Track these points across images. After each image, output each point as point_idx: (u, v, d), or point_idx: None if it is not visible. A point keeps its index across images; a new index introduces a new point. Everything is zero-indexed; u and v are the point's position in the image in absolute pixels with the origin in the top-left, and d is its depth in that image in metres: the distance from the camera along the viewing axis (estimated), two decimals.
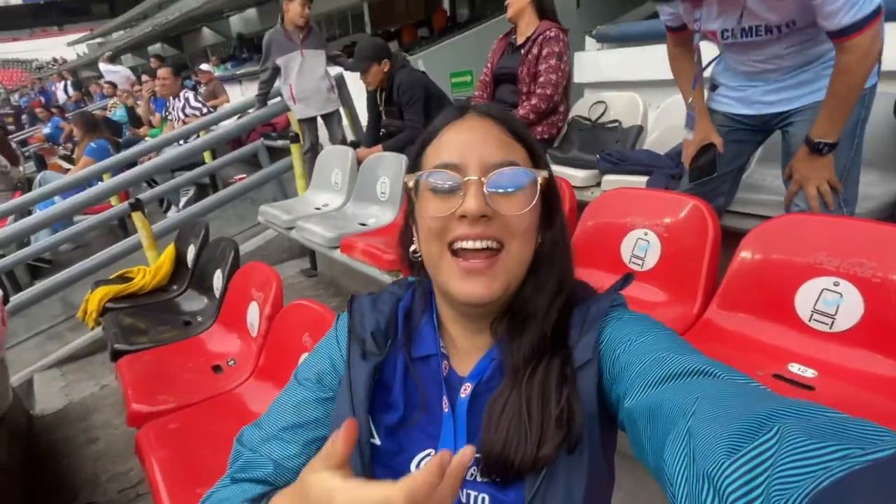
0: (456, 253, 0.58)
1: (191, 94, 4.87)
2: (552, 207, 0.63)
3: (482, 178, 0.56)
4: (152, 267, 2.57)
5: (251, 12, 13.80)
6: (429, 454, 0.59)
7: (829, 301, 1.13)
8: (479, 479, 0.56)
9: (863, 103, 1.34)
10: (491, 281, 0.57)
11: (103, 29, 21.33)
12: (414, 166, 0.64)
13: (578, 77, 3.44)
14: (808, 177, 1.38)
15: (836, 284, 1.12)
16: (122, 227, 4.51)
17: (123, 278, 2.52)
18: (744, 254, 1.28)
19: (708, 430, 0.38)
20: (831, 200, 1.37)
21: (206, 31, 16.38)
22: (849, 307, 1.10)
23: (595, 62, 3.55)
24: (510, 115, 0.63)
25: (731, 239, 1.38)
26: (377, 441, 0.60)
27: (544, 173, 0.59)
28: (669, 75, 1.73)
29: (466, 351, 0.64)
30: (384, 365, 0.63)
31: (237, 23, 14.78)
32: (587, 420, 0.55)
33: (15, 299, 3.18)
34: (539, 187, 0.58)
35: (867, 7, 1.19)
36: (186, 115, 4.85)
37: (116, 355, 1.82)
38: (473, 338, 0.63)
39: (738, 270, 1.28)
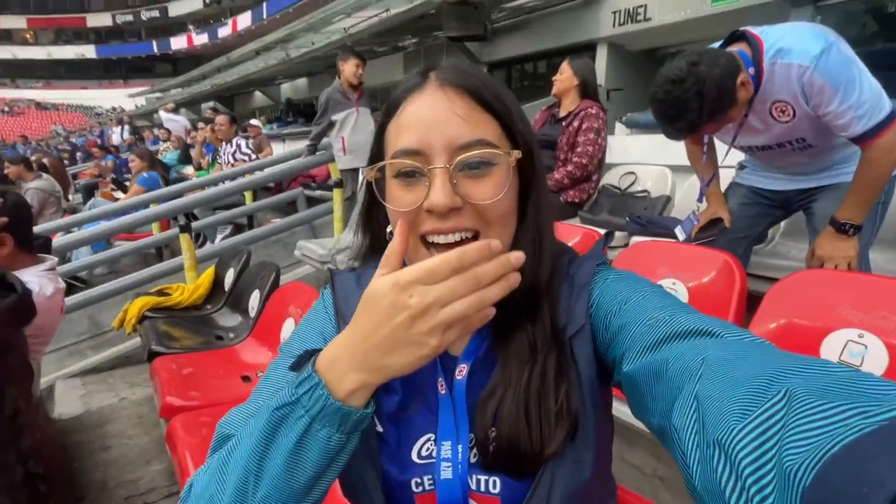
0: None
1: (243, 141, 5.24)
2: (531, 179, 0.57)
3: (448, 165, 0.51)
4: (191, 285, 2.68)
5: (302, 81, 14.96)
6: (429, 439, 0.57)
7: (855, 352, 1.17)
8: (480, 466, 0.54)
9: (887, 188, 1.42)
10: None
11: (164, 85, 23.20)
12: (378, 145, 0.58)
13: (609, 158, 3.65)
14: (831, 255, 1.44)
15: (860, 336, 1.17)
16: (159, 255, 4.70)
17: (162, 293, 2.63)
18: (768, 306, 1.34)
19: (715, 395, 0.37)
20: None
21: (257, 94, 17.68)
22: (874, 358, 1.14)
23: (624, 146, 3.78)
24: (478, 79, 0.55)
25: (751, 302, 1.44)
26: (379, 428, 0.57)
27: (517, 153, 0.53)
28: None
29: None
30: None
31: (287, 89, 15.96)
32: (588, 383, 0.54)
33: None
34: (512, 168, 0.54)
35: (878, 115, 1.29)
36: (235, 160, 5.19)
37: (152, 356, 1.88)
38: None
39: (762, 321, 1.33)
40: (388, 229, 0.60)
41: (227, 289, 2.56)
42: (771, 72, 1.38)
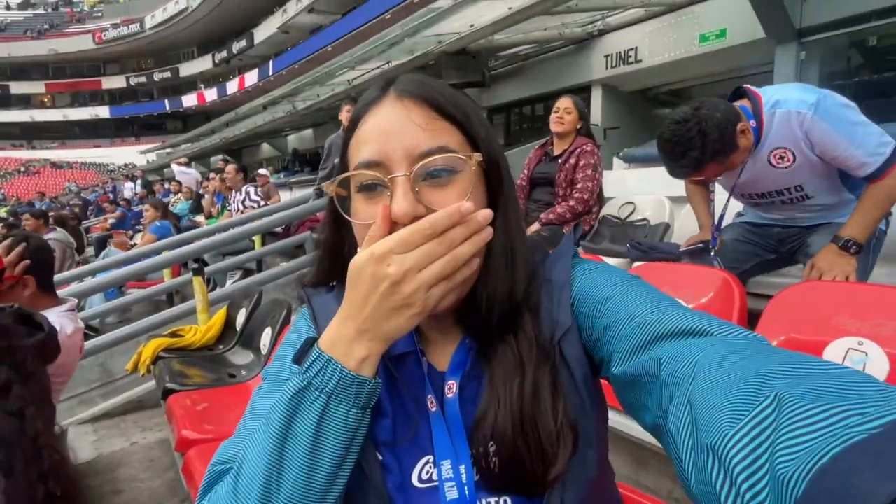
0: None
1: (251, 189, 5.41)
2: (497, 184, 0.56)
3: (408, 173, 0.50)
4: (203, 327, 2.73)
5: (307, 132, 15.46)
6: (428, 461, 0.54)
7: (856, 360, 1.19)
8: (486, 487, 0.52)
9: (887, 220, 1.52)
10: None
11: (174, 141, 24.00)
12: (342, 163, 0.58)
13: (608, 192, 3.76)
14: (830, 268, 1.46)
15: (860, 344, 1.20)
16: (170, 302, 4.76)
17: (175, 335, 2.68)
18: (768, 321, 1.37)
19: (708, 399, 0.38)
20: None
21: (264, 145, 18.23)
22: (875, 365, 1.16)
23: (622, 179, 3.90)
24: (435, 89, 0.55)
25: (751, 319, 1.47)
26: (380, 457, 0.54)
27: (478, 155, 0.52)
28: None
29: (439, 343, 0.59)
30: None
31: (294, 140, 16.48)
32: (583, 382, 0.54)
33: None
34: (475, 171, 0.53)
35: (886, 151, 1.39)
36: (245, 207, 5.34)
37: (166, 394, 1.91)
38: (443, 330, 0.59)
39: (763, 332, 1.36)
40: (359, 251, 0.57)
41: (238, 328, 2.60)
42: (770, 121, 1.48)
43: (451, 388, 0.55)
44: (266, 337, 2.25)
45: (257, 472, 0.45)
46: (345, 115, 3.92)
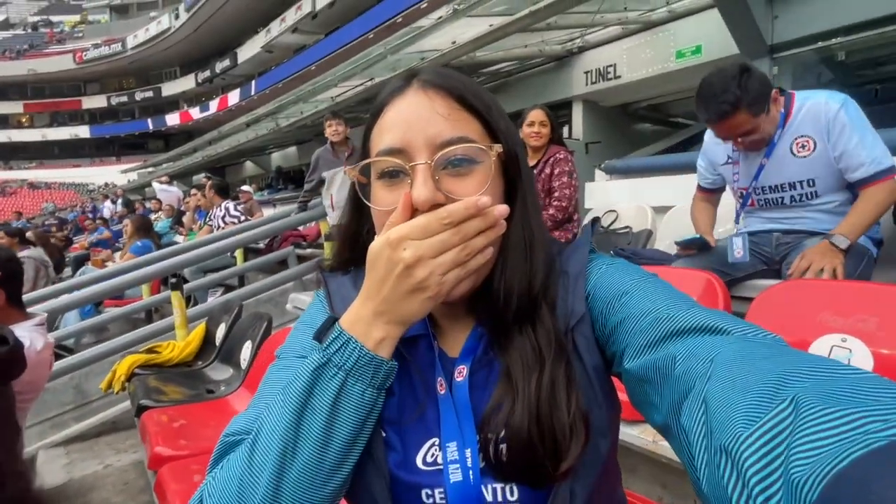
0: None
1: (231, 204, 5.34)
2: (516, 177, 0.57)
3: (430, 161, 0.51)
4: (181, 343, 2.65)
5: (291, 149, 15.44)
6: (434, 443, 0.54)
7: (840, 356, 1.19)
8: (494, 475, 0.52)
9: (877, 245, 1.60)
10: None
11: (155, 160, 23.78)
12: (363, 150, 0.59)
13: (589, 203, 3.79)
14: (819, 261, 1.50)
15: (843, 341, 1.20)
16: (148, 320, 4.64)
17: (152, 351, 2.59)
18: (752, 316, 1.37)
19: (723, 399, 0.37)
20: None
21: (248, 163, 18.14)
22: (859, 360, 1.16)
23: (604, 190, 3.94)
24: (459, 80, 0.56)
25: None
26: (384, 433, 0.55)
27: (498, 147, 0.53)
28: (672, 202, 2.02)
29: (451, 330, 0.60)
30: None
31: (278, 158, 16.42)
32: (594, 373, 0.54)
33: None
34: (494, 163, 0.53)
35: (883, 163, 1.51)
36: (224, 223, 5.27)
37: (141, 410, 1.84)
38: (454, 315, 0.60)
39: None
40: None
41: (218, 343, 2.54)
42: (800, 110, 1.61)
43: (462, 372, 0.56)
44: (246, 351, 2.19)
45: (273, 442, 0.46)
46: (329, 131, 3.91)
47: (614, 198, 3.75)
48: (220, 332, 2.56)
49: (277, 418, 0.47)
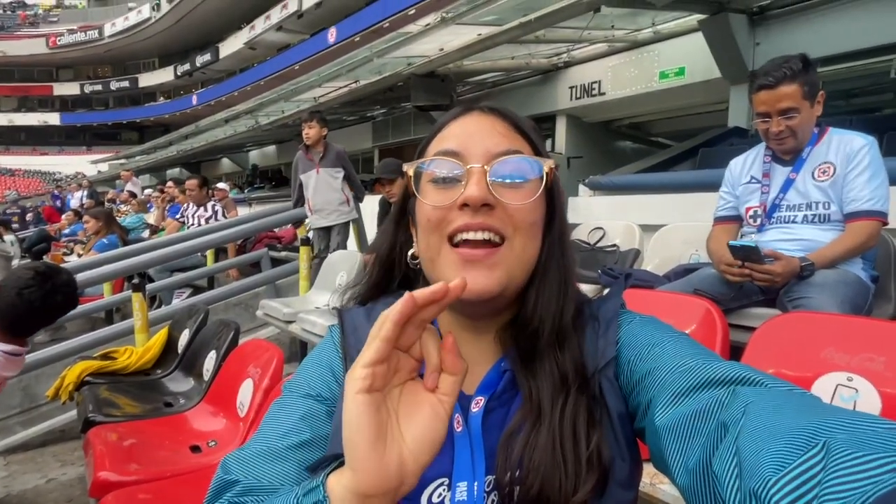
0: (456, 246, 0.54)
1: (220, 209, 5.06)
2: (555, 206, 0.59)
3: (485, 167, 0.54)
4: (140, 348, 2.47)
5: (270, 148, 15.14)
6: (442, 483, 0.53)
7: (846, 397, 1.13)
8: None
9: (863, 288, 1.60)
10: (489, 271, 0.53)
11: (129, 152, 23.04)
12: (418, 158, 0.61)
13: (573, 218, 3.75)
14: (780, 276, 1.56)
15: (849, 380, 1.14)
16: (109, 320, 4.40)
17: (107, 357, 2.41)
18: (752, 354, 1.31)
19: (755, 446, 0.37)
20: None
21: (225, 160, 17.72)
22: (866, 402, 1.10)
23: (588, 206, 3.92)
24: (513, 111, 0.61)
25: (732, 352, 1.42)
26: None
27: (550, 162, 0.57)
28: (655, 221, 1.98)
29: (472, 363, 0.57)
30: None
31: (256, 156, 16.09)
32: (619, 421, 0.53)
33: None
34: (545, 178, 0.56)
35: (878, 205, 1.59)
36: (206, 223, 5.04)
37: (88, 425, 1.67)
38: (479, 347, 0.59)
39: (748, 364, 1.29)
40: (410, 252, 0.61)
41: (180, 351, 2.37)
42: (829, 140, 1.69)
43: (478, 403, 0.55)
44: (210, 361, 2.04)
45: None
46: (309, 132, 3.77)
47: (597, 214, 3.73)
48: (184, 338, 2.40)
49: None
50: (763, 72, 1.69)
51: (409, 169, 0.58)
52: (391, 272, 0.65)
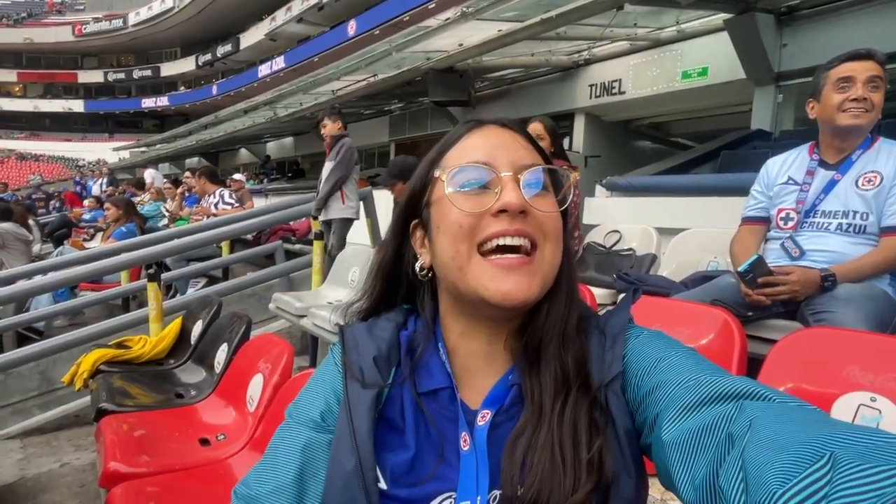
0: (486, 254, 0.55)
1: (226, 192, 5.20)
2: (566, 219, 0.60)
3: (518, 175, 0.55)
4: (154, 338, 2.50)
5: (288, 140, 15.22)
6: (448, 497, 0.53)
7: (868, 417, 1.09)
8: None
9: (890, 304, 1.53)
10: (529, 278, 0.54)
11: (149, 140, 23.36)
12: (428, 173, 0.61)
13: (588, 219, 3.70)
14: (798, 284, 1.51)
15: (872, 400, 1.10)
16: (125, 308, 4.47)
17: (122, 345, 2.44)
18: (772, 369, 1.27)
19: (760, 460, 0.37)
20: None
21: (243, 151, 17.87)
22: (890, 424, 1.06)
23: (604, 207, 3.85)
24: (526, 129, 0.63)
25: (750, 365, 1.38)
26: (383, 485, 0.53)
27: (576, 174, 0.61)
28: (674, 224, 1.92)
29: (479, 376, 0.59)
30: (388, 400, 0.57)
31: (273, 147, 16.19)
32: (626, 437, 0.52)
33: None
34: (571, 188, 0.59)
35: None
36: (217, 210, 5.11)
37: (100, 414, 1.69)
38: (488, 356, 0.59)
39: (766, 380, 1.25)
40: (418, 264, 0.61)
41: (193, 342, 2.39)
42: (879, 148, 1.65)
43: (485, 416, 0.55)
44: (221, 354, 2.06)
45: None
46: (329, 128, 3.79)
47: (614, 216, 3.67)
48: (197, 329, 2.42)
49: None
50: (853, 51, 1.65)
51: (441, 175, 0.58)
52: (396, 285, 0.65)
